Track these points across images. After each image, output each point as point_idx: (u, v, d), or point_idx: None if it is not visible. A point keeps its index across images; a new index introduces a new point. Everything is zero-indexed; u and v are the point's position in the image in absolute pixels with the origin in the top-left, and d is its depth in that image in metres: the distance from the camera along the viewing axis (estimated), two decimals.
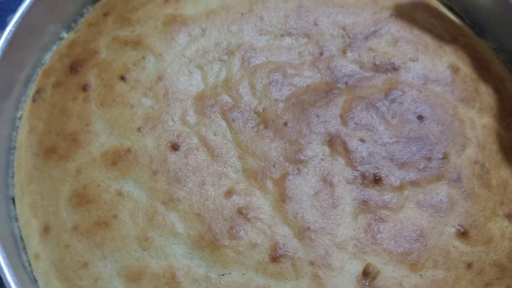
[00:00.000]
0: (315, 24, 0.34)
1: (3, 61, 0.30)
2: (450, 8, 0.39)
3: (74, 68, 0.32)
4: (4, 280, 0.25)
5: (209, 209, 0.27)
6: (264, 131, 0.30)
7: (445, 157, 0.30)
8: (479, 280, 0.28)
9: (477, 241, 0.28)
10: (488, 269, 0.28)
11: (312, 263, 0.26)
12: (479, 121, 0.32)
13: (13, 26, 0.30)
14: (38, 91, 0.32)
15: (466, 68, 0.34)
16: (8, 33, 0.30)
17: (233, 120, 0.30)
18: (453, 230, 0.28)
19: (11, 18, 0.40)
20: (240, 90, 0.31)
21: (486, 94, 0.34)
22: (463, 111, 0.32)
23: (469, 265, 0.28)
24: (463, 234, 0.28)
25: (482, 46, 0.37)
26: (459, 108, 0.32)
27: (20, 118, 0.31)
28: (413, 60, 0.33)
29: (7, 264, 0.25)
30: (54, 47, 0.34)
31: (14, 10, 0.40)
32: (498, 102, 0.34)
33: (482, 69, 0.35)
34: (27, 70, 0.33)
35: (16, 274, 0.25)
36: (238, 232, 0.27)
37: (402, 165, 0.29)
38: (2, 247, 0.26)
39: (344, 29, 0.34)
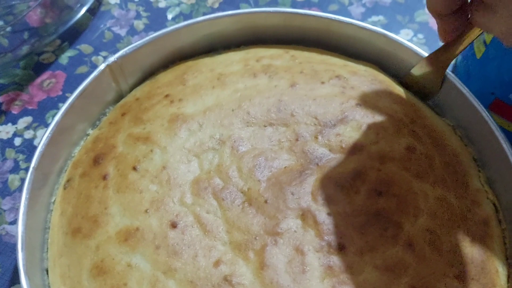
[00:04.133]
0: (292, 115, 0.41)
1: (43, 156, 0.38)
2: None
3: (97, 160, 0.39)
4: None
5: (200, 277, 0.33)
6: (248, 208, 0.36)
7: (399, 226, 0.35)
8: None
9: None
10: None
11: None
12: (432, 193, 0.37)
13: (49, 132, 0.38)
14: (68, 180, 0.39)
15: (422, 147, 0.40)
16: (47, 136, 0.39)
17: (223, 199, 0.37)
18: None
19: (50, 115, 0.49)
20: (230, 173, 0.38)
21: (440, 168, 0.39)
22: (418, 185, 0.38)
23: None
24: None
25: (440, 125, 0.42)
26: (413, 183, 0.38)
27: (53, 203, 0.39)
28: (374, 144, 0.39)
29: None
30: (82, 142, 0.42)
31: (51, 108, 0.50)
32: (451, 175, 0.39)
33: (438, 146, 0.41)
34: (60, 163, 0.41)
35: None
36: None
37: (362, 235, 0.35)
38: None
39: (316, 118, 0.41)
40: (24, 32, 0.52)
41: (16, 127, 0.48)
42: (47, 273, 0.36)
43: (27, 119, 0.48)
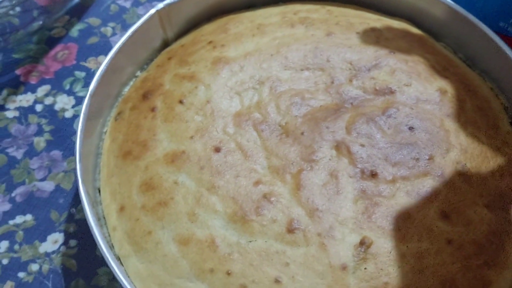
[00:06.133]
0: (328, 60, 0.43)
1: (96, 92, 0.41)
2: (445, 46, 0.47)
3: (145, 96, 0.42)
4: (98, 245, 0.34)
5: (241, 194, 0.36)
6: (285, 139, 0.39)
7: (431, 158, 0.37)
8: (459, 253, 0.34)
9: (457, 223, 0.35)
10: (467, 245, 0.34)
11: (319, 234, 0.34)
12: (464, 131, 0.39)
13: (103, 67, 0.41)
14: (119, 113, 0.43)
15: (453, 91, 0.41)
16: (100, 73, 0.42)
17: (262, 131, 0.39)
18: (436, 213, 0.35)
19: (67, 82, 0.52)
20: (268, 109, 0.40)
21: (471, 111, 0.41)
22: (449, 123, 0.39)
23: (449, 241, 0.34)
24: (444, 217, 0.35)
25: (471, 75, 0.44)
26: (445, 121, 0.39)
27: (105, 133, 0.42)
28: (407, 85, 0.41)
29: (99, 234, 0.34)
30: (131, 83, 0.45)
31: (68, 76, 0.52)
32: (482, 117, 0.41)
33: (470, 92, 0.42)
34: (111, 100, 0.44)
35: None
36: (262, 210, 0.35)
37: (394, 164, 0.37)
38: (94, 222, 0.35)
39: (351, 64, 0.43)
40: (33, 11, 0.55)
41: (36, 95, 0.50)
42: (99, 192, 0.39)
43: (46, 87, 0.51)
